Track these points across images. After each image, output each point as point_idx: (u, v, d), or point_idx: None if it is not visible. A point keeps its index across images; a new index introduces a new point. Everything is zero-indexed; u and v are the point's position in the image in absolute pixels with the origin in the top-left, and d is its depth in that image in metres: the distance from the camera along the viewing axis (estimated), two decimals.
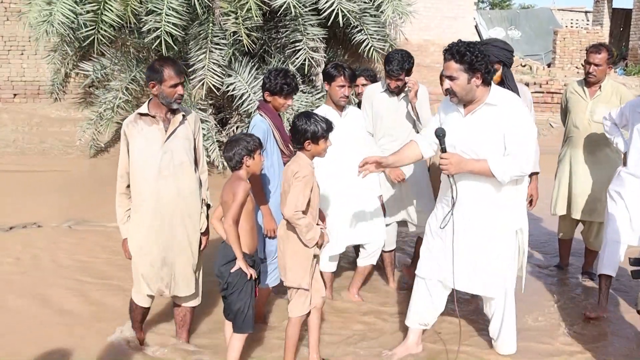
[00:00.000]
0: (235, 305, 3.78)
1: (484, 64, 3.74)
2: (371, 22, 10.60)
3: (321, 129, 3.80)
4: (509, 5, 38.65)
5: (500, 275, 4.01)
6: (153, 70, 3.97)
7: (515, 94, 4.06)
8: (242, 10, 9.04)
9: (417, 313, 4.21)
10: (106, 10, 9.22)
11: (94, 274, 5.66)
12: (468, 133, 3.86)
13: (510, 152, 3.77)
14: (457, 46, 3.76)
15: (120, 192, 4.10)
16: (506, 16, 24.92)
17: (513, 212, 3.98)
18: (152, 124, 4.00)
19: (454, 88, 3.80)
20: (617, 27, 25.65)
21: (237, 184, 3.76)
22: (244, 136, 3.90)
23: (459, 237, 3.94)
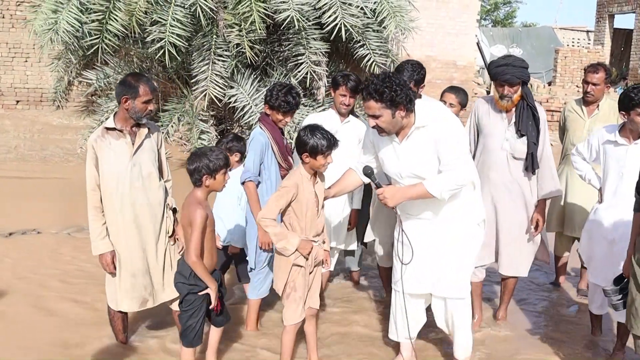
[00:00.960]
0: (187, 321, 3.78)
1: (404, 96, 3.66)
2: (374, 37, 10.67)
3: (320, 145, 3.81)
4: (511, 23, 38.82)
5: (455, 276, 4.02)
6: (127, 86, 4.02)
7: (448, 113, 3.97)
8: (245, 22, 9.12)
9: (403, 326, 4.19)
10: (111, 19, 9.30)
11: (93, 281, 5.67)
12: (407, 159, 3.85)
13: (443, 167, 3.77)
14: (374, 84, 3.66)
15: (95, 206, 4.13)
16: (508, 34, 25.06)
17: (464, 219, 3.99)
18: (119, 138, 4.09)
19: (380, 125, 3.74)
20: (618, 47, 25.80)
21: (194, 212, 3.66)
22: (209, 152, 3.75)
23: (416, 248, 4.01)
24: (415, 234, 4.03)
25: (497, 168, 4.76)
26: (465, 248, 4.02)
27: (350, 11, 9.83)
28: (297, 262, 3.95)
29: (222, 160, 3.73)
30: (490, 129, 4.80)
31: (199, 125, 10.26)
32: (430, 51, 16.38)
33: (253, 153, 4.51)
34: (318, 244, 4.04)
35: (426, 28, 14.65)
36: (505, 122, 4.76)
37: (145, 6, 9.10)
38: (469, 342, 4.18)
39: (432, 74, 16.61)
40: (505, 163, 4.75)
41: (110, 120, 4.12)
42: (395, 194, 3.85)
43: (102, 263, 4.19)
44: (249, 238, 4.74)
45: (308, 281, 4.06)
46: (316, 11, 9.83)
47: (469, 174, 3.84)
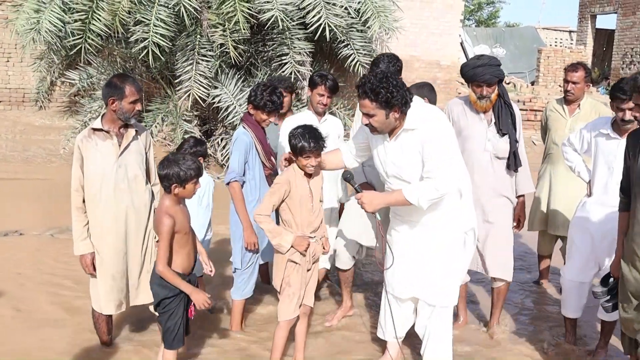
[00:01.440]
0: (165, 324, 3.75)
1: (399, 98, 3.60)
2: (358, 37, 10.71)
3: (300, 146, 3.86)
4: (494, 23, 39.01)
5: (441, 283, 3.97)
6: (113, 87, 4.00)
7: (441, 115, 3.93)
8: (229, 22, 9.11)
9: (392, 326, 4.21)
10: (94, 19, 9.26)
11: (75, 282, 5.64)
12: (393, 158, 3.83)
13: (425, 173, 3.71)
14: (371, 83, 3.59)
15: (77, 207, 4.12)
16: (491, 34, 25.17)
17: (449, 226, 3.94)
18: (106, 139, 4.08)
19: (373, 124, 3.70)
20: (600, 47, 26.00)
21: (159, 220, 3.62)
22: (182, 161, 3.63)
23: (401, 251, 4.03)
24: (401, 237, 4.04)
25: (481, 170, 4.63)
26: (451, 255, 3.96)
27: (334, 11, 9.87)
28: (292, 258, 3.99)
29: (194, 170, 3.63)
30: (470, 130, 4.67)
31: (183, 125, 10.25)
32: (414, 51, 16.41)
33: (238, 153, 4.50)
34: (315, 240, 4.06)
35: (410, 28, 14.69)
36: (484, 122, 4.64)
37: (128, 6, 9.08)
38: (443, 356, 4.06)
39: (416, 73, 16.65)
40: (489, 164, 4.64)
41: (98, 121, 4.10)
42: (373, 200, 3.83)
43: (82, 264, 4.18)
44: (233, 239, 4.73)
45: (305, 278, 4.08)
46: (300, 11, 9.85)
47: (450, 184, 3.72)
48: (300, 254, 3.99)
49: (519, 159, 4.68)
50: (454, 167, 3.77)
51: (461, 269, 4.08)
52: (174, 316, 3.73)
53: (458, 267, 4.04)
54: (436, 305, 3.99)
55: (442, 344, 4.05)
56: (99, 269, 4.14)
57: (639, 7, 22.12)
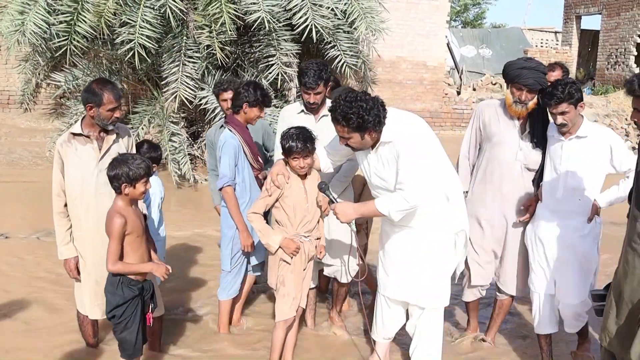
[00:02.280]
0: (122, 333, 3.69)
1: (371, 120, 3.58)
2: (344, 38, 10.70)
3: (290, 146, 3.87)
4: (480, 24, 39.18)
5: (431, 284, 3.98)
6: (92, 93, 3.93)
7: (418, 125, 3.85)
8: (216, 24, 9.09)
9: (382, 327, 4.25)
10: (79, 21, 9.20)
11: (62, 285, 5.61)
12: (376, 170, 3.85)
13: (397, 184, 3.71)
14: (341, 109, 3.58)
15: (59, 211, 4.09)
16: (478, 35, 25.25)
17: (438, 228, 3.93)
18: (86, 143, 4.03)
19: (351, 145, 3.74)
20: (585, 48, 26.17)
21: (109, 220, 3.58)
22: (130, 160, 3.61)
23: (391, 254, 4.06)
24: (391, 241, 4.05)
25: (512, 180, 4.42)
26: (441, 257, 3.97)
27: (321, 12, 9.86)
28: (283, 257, 4.01)
29: (143, 169, 3.60)
30: (502, 137, 4.41)
31: (170, 127, 10.21)
32: (401, 52, 16.47)
33: (227, 157, 4.49)
34: (310, 239, 4.07)
35: (396, 29, 14.74)
36: (517, 130, 4.38)
37: (114, 7, 9.02)
38: (432, 356, 4.08)
39: (403, 74, 16.70)
40: (519, 175, 4.41)
41: (77, 126, 4.05)
42: (346, 210, 3.85)
43: (66, 268, 4.15)
44: (223, 241, 4.73)
45: (301, 277, 4.10)
46: (287, 12, 9.84)
47: (420, 195, 3.68)
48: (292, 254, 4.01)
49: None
50: (429, 177, 3.73)
51: (450, 269, 4.08)
52: (129, 325, 3.66)
53: (448, 269, 4.05)
54: (426, 307, 4.01)
55: (431, 344, 4.07)
56: (83, 273, 4.11)
57: (623, 8, 22.29)
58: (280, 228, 4.05)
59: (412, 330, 4.13)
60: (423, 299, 4.00)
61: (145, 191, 3.69)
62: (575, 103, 4.02)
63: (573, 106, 4.02)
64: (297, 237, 4.03)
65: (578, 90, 4.03)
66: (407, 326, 4.18)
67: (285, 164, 4.02)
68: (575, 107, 4.04)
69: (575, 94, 4.00)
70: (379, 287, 4.22)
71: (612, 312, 3.41)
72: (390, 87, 16.40)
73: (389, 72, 16.45)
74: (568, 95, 3.97)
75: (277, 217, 4.06)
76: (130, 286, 3.63)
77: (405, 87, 16.66)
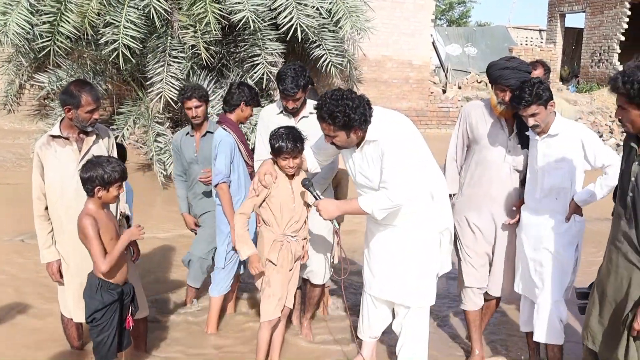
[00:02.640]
0: (98, 337, 3.63)
1: (357, 118, 3.59)
2: (330, 37, 10.71)
3: (279, 147, 3.88)
4: (465, 23, 39.29)
5: (416, 283, 3.98)
6: (69, 95, 3.87)
7: (403, 124, 3.86)
8: (201, 24, 9.05)
9: (368, 326, 4.26)
10: (63, 21, 9.13)
11: (45, 287, 5.57)
12: (361, 169, 3.86)
13: (381, 183, 3.73)
14: (327, 107, 3.59)
15: (39, 215, 4.05)
16: (463, 33, 25.32)
17: (422, 227, 3.94)
18: (65, 145, 3.99)
19: (336, 143, 3.75)
20: (570, 46, 26.33)
21: (80, 222, 3.50)
22: (106, 163, 3.54)
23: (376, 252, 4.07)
24: (376, 239, 4.06)
25: (501, 183, 4.36)
26: (426, 256, 3.98)
27: (306, 11, 9.85)
28: (269, 257, 4.01)
29: (118, 173, 3.54)
30: (490, 139, 4.35)
31: (155, 127, 10.17)
32: (386, 51, 16.49)
33: (224, 155, 4.55)
34: (296, 239, 4.07)
35: (381, 28, 14.75)
36: (505, 131, 4.31)
37: (97, 7, 8.96)
38: (418, 355, 4.07)
39: (388, 73, 16.73)
40: (508, 177, 4.35)
41: (56, 128, 4.01)
42: (329, 208, 3.86)
43: (48, 272, 4.12)
44: (219, 238, 4.80)
45: (287, 278, 4.10)
46: (271, 12, 9.82)
47: (404, 194, 3.70)
48: (278, 254, 4.00)
49: None
50: (413, 176, 3.74)
51: (435, 268, 4.07)
52: (106, 329, 3.61)
53: (434, 268, 4.05)
54: (412, 306, 4.02)
55: (417, 343, 4.07)
56: (66, 276, 4.07)
57: (606, 6, 22.44)
58: (267, 228, 4.05)
59: (399, 329, 4.13)
60: (408, 298, 4.00)
61: (118, 196, 3.62)
62: (545, 103, 3.95)
63: (543, 107, 3.95)
64: (284, 237, 4.02)
65: (546, 89, 3.95)
66: (393, 325, 4.18)
67: (273, 163, 4.02)
68: (545, 107, 3.96)
69: (543, 94, 3.92)
70: (365, 286, 4.23)
71: (594, 310, 3.42)
72: (376, 86, 16.42)
73: (375, 71, 16.47)
74: (536, 96, 3.90)
75: (264, 217, 4.06)
76: (110, 290, 3.58)
77: (391, 85, 16.68)
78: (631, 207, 3.18)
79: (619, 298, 3.25)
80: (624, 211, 3.23)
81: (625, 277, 3.21)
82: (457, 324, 5.16)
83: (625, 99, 3.06)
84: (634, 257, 3.17)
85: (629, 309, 3.17)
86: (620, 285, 3.24)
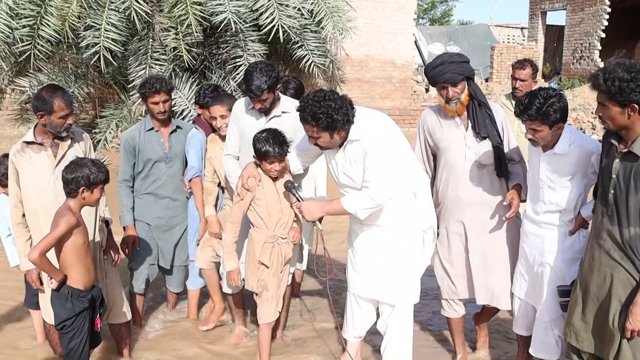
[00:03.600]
0: (69, 344, 3.60)
1: (340, 119, 3.58)
2: (312, 37, 10.74)
3: (272, 151, 3.89)
4: (448, 22, 39.45)
5: (399, 282, 3.99)
6: (41, 101, 3.83)
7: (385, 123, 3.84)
8: (182, 26, 9.04)
9: (353, 326, 4.27)
10: (43, 25, 9.09)
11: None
12: (343, 169, 3.86)
13: (363, 183, 3.73)
14: (310, 109, 3.57)
15: (17, 222, 4.01)
16: (445, 32, 25.46)
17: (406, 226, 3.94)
18: (40, 151, 3.95)
19: (320, 144, 3.74)
20: (551, 43, 26.49)
21: (61, 216, 3.45)
22: (91, 164, 3.54)
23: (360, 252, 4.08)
24: (360, 239, 4.06)
25: (465, 184, 4.13)
26: (409, 255, 3.98)
27: (288, 12, 9.88)
28: (261, 259, 4.02)
29: (104, 174, 3.54)
30: (448, 141, 4.15)
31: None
32: (369, 50, 16.51)
33: (194, 150, 4.69)
34: (286, 241, 4.09)
35: (364, 28, 14.77)
36: (462, 128, 4.12)
37: (78, 11, 8.93)
38: (403, 353, 4.08)
39: (371, 73, 16.75)
40: (474, 175, 4.11)
41: (30, 134, 3.96)
42: (312, 209, 3.88)
43: (28, 279, 4.09)
44: (190, 233, 4.90)
45: (279, 280, 4.13)
46: (253, 13, 9.83)
47: (386, 194, 3.70)
48: (270, 256, 4.03)
49: (505, 165, 4.10)
50: (396, 175, 3.75)
51: (419, 267, 4.09)
52: (77, 336, 3.58)
53: (418, 266, 4.07)
54: (396, 304, 4.03)
55: (402, 341, 4.08)
56: (47, 283, 4.02)
57: (587, 4, 22.61)
58: (257, 230, 4.06)
59: (383, 329, 4.13)
60: (393, 296, 4.02)
61: (100, 199, 3.62)
62: (551, 124, 3.59)
63: (547, 126, 3.59)
64: (275, 239, 4.04)
65: (558, 110, 3.56)
66: (377, 324, 4.19)
67: (256, 166, 4.02)
68: (550, 128, 3.61)
69: (553, 115, 3.54)
70: (349, 286, 4.24)
71: (577, 308, 3.44)
72: (359, 86, 16.45)
73: (358, 71, 16.49)
74: (543, 115, 3.54)
75: (252, 220, 4.07)
76: (80, 299, 3.55)
77: (374, 85, 16.71)
78: (613, 204, 3.20)
79: (602, 295, 3.28)
80: (606, 209, 3.25)
81: (608, 275, 3.24)
82: (442, 323, 5.18)
83: (606, 96, 3.09)
84: (617, 254, 3.20)
85: (614, 307, 3.20)
86: (603, 283, 3.27)
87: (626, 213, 3.14)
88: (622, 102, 3.05)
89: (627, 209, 3.14)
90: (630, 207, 3.13)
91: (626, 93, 3.01)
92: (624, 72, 3.01)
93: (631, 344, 3.16)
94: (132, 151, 4.74)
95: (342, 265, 6.27)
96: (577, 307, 3.44)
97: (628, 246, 3.15)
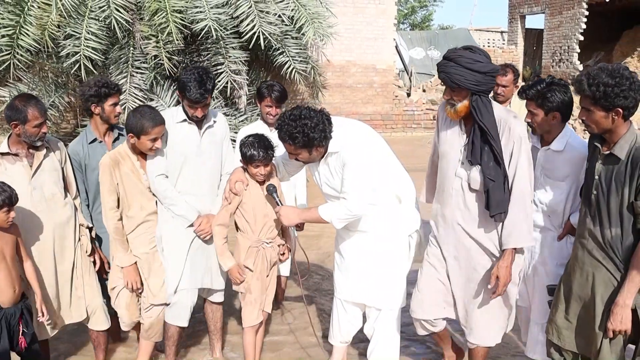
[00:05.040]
0: None
1: (317, 137, 3.61)
2: (293, 44, 10.75)
3: (250, 154, 3.91)
4: (428, 26, 39.70)
5: (385, 286, 4.01)
6: (15, 110, 3.77)
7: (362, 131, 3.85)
8: (162, 34, 9.04)
9: (339, 331, 4.27)
10: (22, 34, 9.03)
11: None
12: (326, 180, 3.90)
13: (341, 193, 3.76)
14: (286, 129, 3.60)
15: None
16: (426, 37, 25.57)
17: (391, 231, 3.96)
18: (15, 162, 3.90)
19: (301, 160, 3.81)
20: (531, 47, 26.73)
21: None
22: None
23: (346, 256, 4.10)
24: (346, 244, 4.09)
25: (450, 201, 3.68)
26: (395, 259, 4.00)
27: (268, 19, 9.89)
28: (245, 263, 4.04)
29: (10, 197, 3.52)
30: (447, 147, 3.70)
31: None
32: (350, 56, 16.57)
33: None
34: (272, 245, 4.10)
35: (344, 33, 14.83)
36: (463, 138, 3.62)
37: (57, 20, 8.89)
38: (389, 357, 4.10)
39: (353, 78, 16.81)
40: (459, 194, 3.64)
41: (4, 145, 3.90)
42: (290, 214, 3.92)
43: None
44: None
45: (265, 284, 4.13)
46: (234, 20, 9.84)
47: (362, 206, 3.74)
48: (254, 260, 4.04)
49: (493, 203, 3.46)
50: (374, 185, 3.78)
51: (405, 271, 4.10)
52: None
53: (404, 270, 4.08)
54: (383, 308, 4.05)
55: (389, 345, 4.10)
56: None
57: (564, 7, 22.86)
58: (243, 235, 4.08)
59: (370, 333, 4.15)
60: (379, 300, 4.04)
61: (9, 221, 3.55)
62: (546, 110, 3.65)
63: (541, 110, 3.66)
64: (260, 244, 4.05)
65: (557, 99, 3.62)
66: (364, 329, 4.21)
67: (243, 170, 4.04)
68: (546, 115, 3.65)
69: (549, 100, 3.62)
70: (335, 291, 4.25)
71: (560, 306, 3.48)
72: (340, 91, 16.50)
73: (339, 77, 16.54)
74: (540, 96, 3.65)
75: (239, 224, 4.09)
76: None
77: (355, 90, 16.77)
78: (595, 205, 3.25)
79: (585, 294, 3.32)
80: (589, 209, 3.30)
81: (590, 274, 3.28)
82: None
83: (590, 101, 3.14)
84: (599, 254, 3.24)
85: (597, 306, 3.23)
86: (586, 282, 3.31)
87: (607, 214, 3.19)
88: (606, 106, 3.10)
89: (609, 209, 3.18)
90: (611, 208, 3.17)
91: (611, 98, 3.06)
92: (608, 77, 3.06)
93: (612, 343, 3.20)
94: (79, 167, 4.32)
95: (326, 271, 6.31)
96: (561, 305, 3.48)
97: (609, 246, 3.20)
